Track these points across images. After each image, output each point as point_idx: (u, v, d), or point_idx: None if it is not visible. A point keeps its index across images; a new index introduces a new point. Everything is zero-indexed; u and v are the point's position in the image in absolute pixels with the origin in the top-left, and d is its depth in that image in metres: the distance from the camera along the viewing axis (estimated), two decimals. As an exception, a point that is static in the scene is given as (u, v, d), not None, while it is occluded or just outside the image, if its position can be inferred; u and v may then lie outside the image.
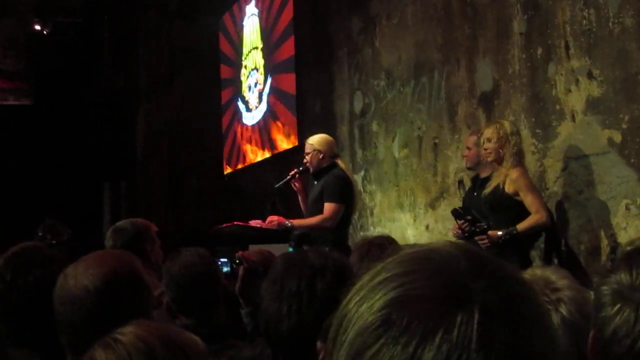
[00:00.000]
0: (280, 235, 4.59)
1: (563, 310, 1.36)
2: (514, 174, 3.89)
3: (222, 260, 3.59)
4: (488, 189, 3.99)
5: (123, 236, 3.21)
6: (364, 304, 0.63)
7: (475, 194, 4.23)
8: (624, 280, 1.01)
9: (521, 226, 3.82)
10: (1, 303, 1.97)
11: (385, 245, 2.59)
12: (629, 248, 1.09)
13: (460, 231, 3.99)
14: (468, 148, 4.36)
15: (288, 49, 7.55)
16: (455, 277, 0.62)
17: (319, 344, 1.23)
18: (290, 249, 3.79)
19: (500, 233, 3.82)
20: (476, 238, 3.85)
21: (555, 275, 1.44)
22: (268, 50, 8.20)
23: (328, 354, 0.65)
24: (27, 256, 2.03)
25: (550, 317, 0.65)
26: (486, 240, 3.82)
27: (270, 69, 8.12)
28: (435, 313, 0.59)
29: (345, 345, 0.62)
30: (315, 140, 4.71)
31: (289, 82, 7.55)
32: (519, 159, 3.96)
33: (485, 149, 4.01)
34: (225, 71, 9.68)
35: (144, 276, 1.73)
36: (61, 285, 1.66)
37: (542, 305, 0.65)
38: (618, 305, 0.99)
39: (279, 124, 7.80)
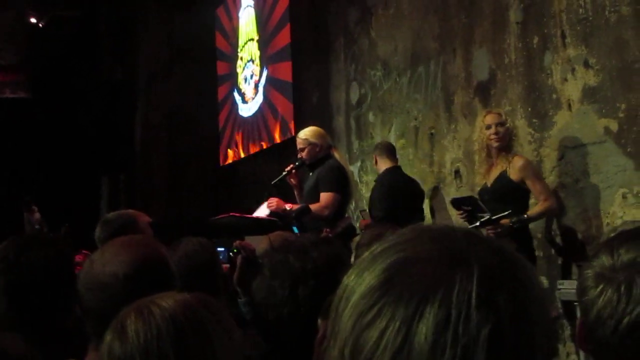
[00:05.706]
0: (276, 226, 4.58)
1: None
2: (519, 162, 3.85)
3: (219, 249, 3.58)
4: (493, 177, 3.93)
5: (109, 228, 3.19)
6: (365, 271, 0.64)
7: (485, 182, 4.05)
8: (606, 262, 1.01)
9: (532, 213, 3.80)
10: (3, 282, 1.95)
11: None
12: (611, 234, 1.09)
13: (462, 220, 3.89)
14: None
15: (284, 39, 7.53)
16: (454, 242, 0.64)
17: (319, 321, 1.23)
18: (295, 229, 3.78)
19: (509, 222, 3.73)
20: (487, 228, 3.70)
21: None
22: (264, 41, 8.18)
23: (330, 325, 0.66)
24: (29, 238, 2.03)
25: (541, 286, 0.67)
26: (499, 229, 3.69)
27: (267, 59, 8.09)
28: (436, 272, 0.61)
29: (347, 309, 0.63)
30: (309, 134, 4.63)
31: (286, 73, 7.52)
32: (512, 147, 3.94)
33: (496, 134, 3.90)
34: (221, 67, 9.64)
35: (170, 263, 1.72)
36: (87, 270, 1.62)
37: (534, 273, 0.67)
38: (600, 287, 0.98)
39: (276, 115, 7.78)
